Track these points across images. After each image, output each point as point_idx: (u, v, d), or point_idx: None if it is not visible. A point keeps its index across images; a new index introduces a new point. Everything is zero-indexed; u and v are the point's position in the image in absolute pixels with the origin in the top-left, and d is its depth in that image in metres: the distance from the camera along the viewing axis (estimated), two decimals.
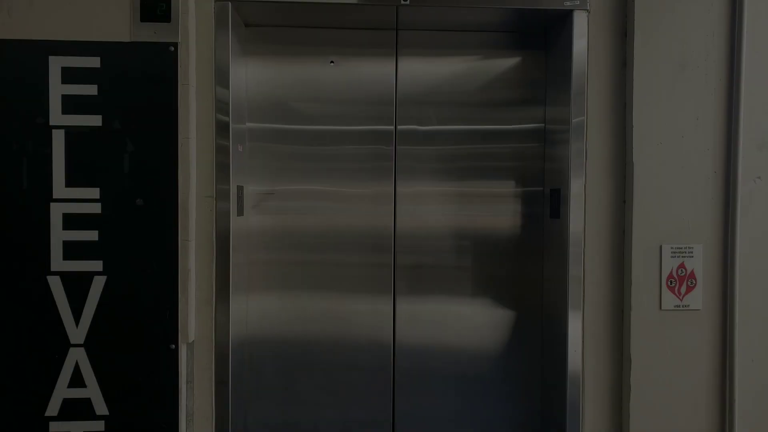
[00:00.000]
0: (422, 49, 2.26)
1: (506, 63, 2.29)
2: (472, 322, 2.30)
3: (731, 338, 2.03)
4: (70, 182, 1.86)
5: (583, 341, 2.08)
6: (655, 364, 2.03)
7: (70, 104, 1.86)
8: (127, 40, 1.88)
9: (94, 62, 1.86)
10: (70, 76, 1.85)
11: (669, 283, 2.03)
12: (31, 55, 1.84)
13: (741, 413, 2.03)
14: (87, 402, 1.88)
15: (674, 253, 2.02)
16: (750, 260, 2.04)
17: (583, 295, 2.08)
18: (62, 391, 1.87)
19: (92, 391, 1.88)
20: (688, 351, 2.04)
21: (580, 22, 2.04)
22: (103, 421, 1.88)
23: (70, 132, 1.86)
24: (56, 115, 1.85)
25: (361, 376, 2.27)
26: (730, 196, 2.03)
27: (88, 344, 1.87)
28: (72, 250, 1.86)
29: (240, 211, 2.11)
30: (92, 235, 1.87)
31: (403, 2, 1.99)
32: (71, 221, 1.86)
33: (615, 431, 2.09)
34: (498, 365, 2.31)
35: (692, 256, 2.03)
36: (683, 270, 2.03)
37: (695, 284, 2.03)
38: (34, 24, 1.85)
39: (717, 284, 2.05)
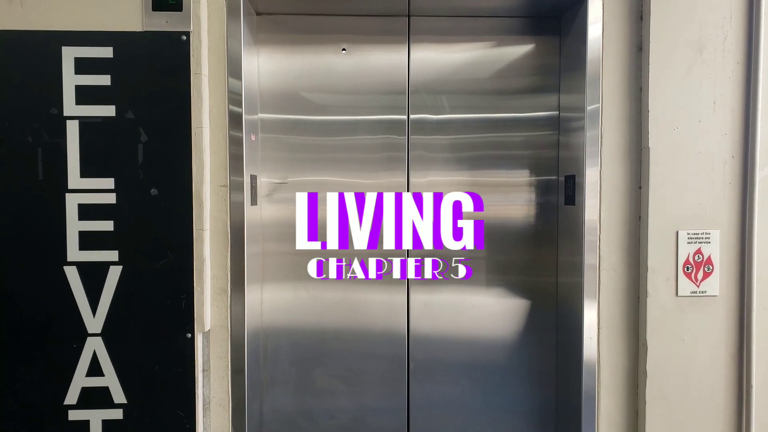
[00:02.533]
0: (435, 36, 2.24)
1: (520, 49, 2.27)
2: (486, 310, 2.29)
3: (749, 324, 2.01)
4: (85, 173, 1.87)
5: (598, 328, 2.08)
6: (671, 350, 2.02)
7: (84, 95, 1.86)
8: (139, 29, 1.87)
9: (106, 52, 1.86)
10: (83, 66, 1.85)
11: (686, 269, 2.01)
12: (45, 46, 1.84)
13: (758, 399, 2.02)
14: (105, 390, 1.90)
15: (691, 239, 2.01)
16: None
17: (599, 283, 2.06)
18: (81, 380, 1.89)
19: (110, 380, 1.90)
20: (705, 337, 2.03)
21: (594, 6, 2.02)
22: (121, 409, 1.90)
23: (84, 122, 1.86)
24: (70, 106, 1.85)
25: (375, 364, 2.28)
26: (748, 180, 2.00)
27: (106, 333, 1.89)
28: (88, 241, 1.87)
29: (253, 201, 2.11)
30: (108, 225, 1.88)
31: None
32: (87, 211, 1.87)
33: (631, 418, 2.09)
34: (513, 353, 2.30)
35: (709, 242, 2.01)
36: (700, 256, 2.01)
37: (712, 270, 2.02)
38: (47, 14, 1.85)
39: (734, 270, 2.03)
